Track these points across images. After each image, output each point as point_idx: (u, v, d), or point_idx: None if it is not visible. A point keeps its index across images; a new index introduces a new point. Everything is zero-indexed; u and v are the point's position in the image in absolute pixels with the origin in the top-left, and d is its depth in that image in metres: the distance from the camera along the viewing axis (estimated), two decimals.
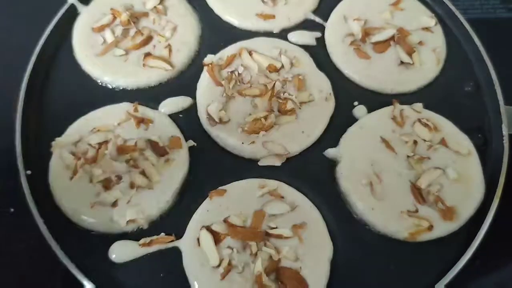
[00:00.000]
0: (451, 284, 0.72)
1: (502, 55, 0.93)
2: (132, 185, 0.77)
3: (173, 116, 0.85)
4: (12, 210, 0.85)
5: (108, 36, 0.90)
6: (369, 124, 0.83)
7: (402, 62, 0.90)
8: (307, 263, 0.72)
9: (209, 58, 0.88)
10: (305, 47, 0.92)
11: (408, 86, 0.89)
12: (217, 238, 0.73)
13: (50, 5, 0.94)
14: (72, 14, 0.94)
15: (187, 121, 0.85)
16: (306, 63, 0.88)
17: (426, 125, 0.83)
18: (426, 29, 0.94)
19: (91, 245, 0.75)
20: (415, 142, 0.81)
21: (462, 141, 0.83)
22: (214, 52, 0.90)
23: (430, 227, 0.75)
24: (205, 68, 0.87)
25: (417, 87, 0.89)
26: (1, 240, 0.84)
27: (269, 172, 0.80)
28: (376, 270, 0.74)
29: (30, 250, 0.82)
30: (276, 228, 0.74)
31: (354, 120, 0.85)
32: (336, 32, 0.93)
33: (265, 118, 0.81)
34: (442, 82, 0.91)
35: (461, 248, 0.75)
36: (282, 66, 0.87)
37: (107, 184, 0.77)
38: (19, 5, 1.00)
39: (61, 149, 0.79)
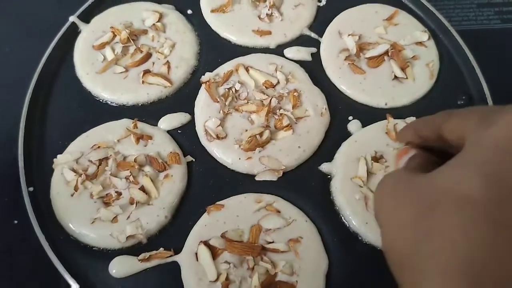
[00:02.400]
0: None
1: (494, 67, 0.95)
2: (131, 201, 0.79)
3: (172, 132, 0.87)
4: (16, 222, 0.87)
5: (108, 53, 0.92)
6: (363, 139, 0.85)
7: (396, 77, 0.91)
8: (303, 277, 0.74)
9: (206, 76, 0.90)
10: (301, 63, 0.94)
11: (402, 100, 0.90)
12: (214, 252, 0.75)
13: (52, 23, 0.96)
14: (73, 32, 0.96)
15: (185, 136, 0.87)
16: (302, 79, 0.90)
17: None
18: (420, 43, 0.96)
19: (91, 260, 0.76)
20: None
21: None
22: (212, 68, 0.92)
23: None
24: (203, 86, 0.89)
25: (411, 101, 0.91)
26: (3, 250, 0.86)
27: (266, 187, 0.82)
28: (371, 283, 0.76)
29: (32, 262, 0.84)
30: (272, 242, 0.76)
31: (349, 134, 0.87)
32: (331, 48, 0.95)
33: (261, 134, 0.83)
34: (435, 95, 0.92)
35: None
36: (278, 82, 0.89)
37: (107, 200, 0.79)
38: (22, 23, 1.03)
39: (62, 166, 0.81)
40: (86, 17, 0.97)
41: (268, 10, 0.97)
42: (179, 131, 0.87)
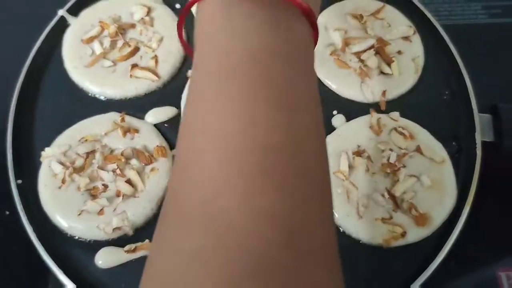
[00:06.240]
0: (425, 285, 0.75)
1: (478, 62, 0.96)
2: (118, 194, 0.80)
3: (159, 126, 0.88)
4: (7, 213, 0.88)
5: (97, 47, 0.93)
6: (346, 133, 0.86)
7: (381, 72, 0.92)
8: None
9: None
10: None
11: (386, 95, 0.92)
12: None
13: (40, 17, 0.97)
14: (62, 26, 0.97)
15: (172, 130, 0.88)
16: None
17: (401, 133, 0.86)
18: (405, 38, 0.97)
19: (78, 252, 0.78)
20: (391, 150, 0.84)
21: (436, 149, 0.86)
22: None
23: (404, 234, 0.78)
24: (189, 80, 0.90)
25: (395, 96, 0.92)
26: None
27: None
28: (350, 275, 0.76)
29: (23, 253, 0.86)
30: None
31: (332, 129, 0.88)
32: (317, 42, 0.96)
33: None
34: (419, 90, 0.93)
35: (434, 253, 0.78)
36: None
37: (94, 193, 0.80)
38: (9, 16, 1.03)
39: (50, 158, 0.83)
40: (75, 11, 0.98)
41: None
42: (165, 124, 0.88)
